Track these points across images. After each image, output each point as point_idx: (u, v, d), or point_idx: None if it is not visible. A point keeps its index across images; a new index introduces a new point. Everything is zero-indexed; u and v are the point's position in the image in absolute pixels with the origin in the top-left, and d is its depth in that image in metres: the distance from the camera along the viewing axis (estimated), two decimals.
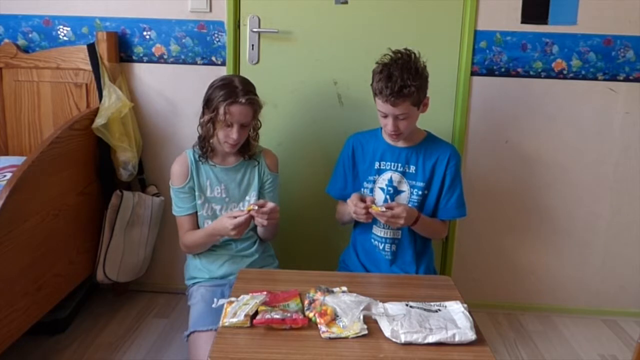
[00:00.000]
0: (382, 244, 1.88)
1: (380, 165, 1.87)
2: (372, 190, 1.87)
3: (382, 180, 1.86)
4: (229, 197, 1.89)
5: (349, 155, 1.92)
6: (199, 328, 1.67)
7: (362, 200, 1.72)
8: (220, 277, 1.88)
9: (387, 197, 1.86)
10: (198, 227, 1.90)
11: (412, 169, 1.85)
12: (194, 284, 1.91)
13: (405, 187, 1.85)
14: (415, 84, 1.69)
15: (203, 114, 1.85)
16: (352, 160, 1.92)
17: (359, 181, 1.91)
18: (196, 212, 1.90)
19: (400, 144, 1.85)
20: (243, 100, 1.76)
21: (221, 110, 1.76)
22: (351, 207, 1.73)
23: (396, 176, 1.85)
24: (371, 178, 1.88)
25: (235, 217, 1.71)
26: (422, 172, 1.84)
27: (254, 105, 1.81)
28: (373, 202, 1.72)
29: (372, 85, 1.77)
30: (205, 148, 1.86)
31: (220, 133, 1.80)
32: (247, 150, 1.90)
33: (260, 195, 1.93)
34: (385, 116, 1.75)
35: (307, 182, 2.32)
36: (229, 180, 1.89)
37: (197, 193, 1.88)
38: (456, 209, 1.87)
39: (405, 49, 1.77)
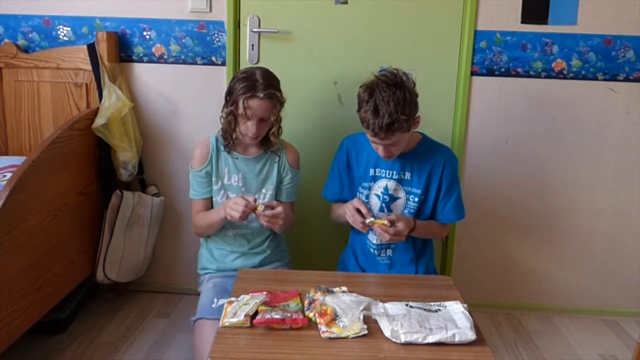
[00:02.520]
0: (378, 251, 1.87)
1: (375, 172, 1.84)
2: (367, 197, 1.85)
3: (378, 187, 1.84)
4: (245, 187, 1.90)
5: (343, 159, 1.89)
6: (205, 315, 1.68)
7: (360, 212, 1.71)
8: (232, 269, 1.88)
9: (383, 205, 1.83)
10: None
11: (408, 175, 1.81)
12: (205, 273, 1.93)
13: (401, 194, 1.83)
14: (405, 117, 1.61)
15: (225, 106, 1.84)
16: (347, 164, 1.89)
17: (355, 185, 1.88)
18: (211, 198, 1.91)
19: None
20: (261, 95, 1.75)
21: (240, 104, 1.76)
22: (349, 217, 1.71)
23: (391, 184, 1.82)
24: (366, 184, 1.84)
25: (243, 205, 1.70)
26: (418, 178, 1.81)
27: (273, 99, 1.80)
28: (371, 215, 1.70)
29: (358, 111, 1.69)
30: (228, 140, 1.87)
31: (242, 126, 1.81)
32: (268, 144, 1.90)
33: (278, 190, 1.93)
34: (375, 142, 1.71)
35: (307, 181, 2.31)
36: (247, 170, 1.90)
37: (214, 179, 1.89)
38: (453, 212, 1.84)
39: (392, 72, 1.69)
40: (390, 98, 1.61)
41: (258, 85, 1.76)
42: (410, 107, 1.64)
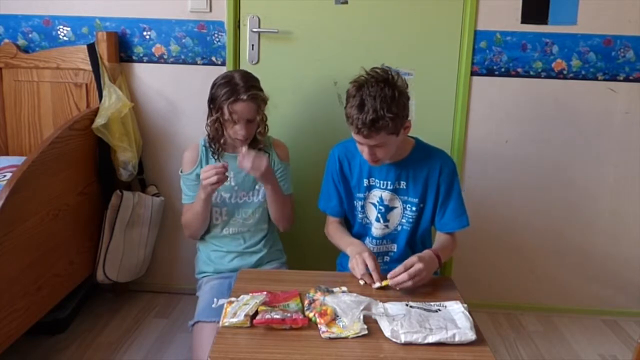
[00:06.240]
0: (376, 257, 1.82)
1: (369, 182, 1.75)
2: (363, 207, 1.79)
3: (373, 197, 1.76)
4: (238, 186, 1.90)
5: (337, 170, 1.79)
6: (203, 319, 1.68)
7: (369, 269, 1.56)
8: (229, 270, 1.90)
9: (379, 215, 1.77)
10: None
11: (403, 184, 1.73)
12: (203, 277, 1.93)
13: (397, 203, 1.75)
14: (390, 115, 1.51)
15: (210, 113, 1.86)
16: (341, 174, 1.79)
17: (352, 195, 1.80)
18: None
19: (387, 161, 1.69)
20: (245, 97, 1.77)
21: (225, 110, 1.78)
22: (357, 272, 1.56)
23: (387, 195, 1.74)
24: (361, 195, 1.77)
25: (212, 168, 1.71)
26: (414, 187, 1.72)
27: (257, 100, 1.82)
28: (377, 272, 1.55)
29: (345, 108, 1.60)
30: (216, 147, 1.89)
31: (230, 131, 1.82)
32: (256, 144, 1.91)
33: None
34: (360, 143, 1.61)
35: (307, 182, 2.31)
36: (238, 169, 1.88)
37: None
38: (453, 220, 1.73)
39: (383, 69, 1.59)
40: (378, 94, 1.52)
41: (239, 89, 1.78)
42: (398, 107, 1.54)
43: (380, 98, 1.52)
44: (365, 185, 1.76)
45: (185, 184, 1.93)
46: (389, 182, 1.73)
